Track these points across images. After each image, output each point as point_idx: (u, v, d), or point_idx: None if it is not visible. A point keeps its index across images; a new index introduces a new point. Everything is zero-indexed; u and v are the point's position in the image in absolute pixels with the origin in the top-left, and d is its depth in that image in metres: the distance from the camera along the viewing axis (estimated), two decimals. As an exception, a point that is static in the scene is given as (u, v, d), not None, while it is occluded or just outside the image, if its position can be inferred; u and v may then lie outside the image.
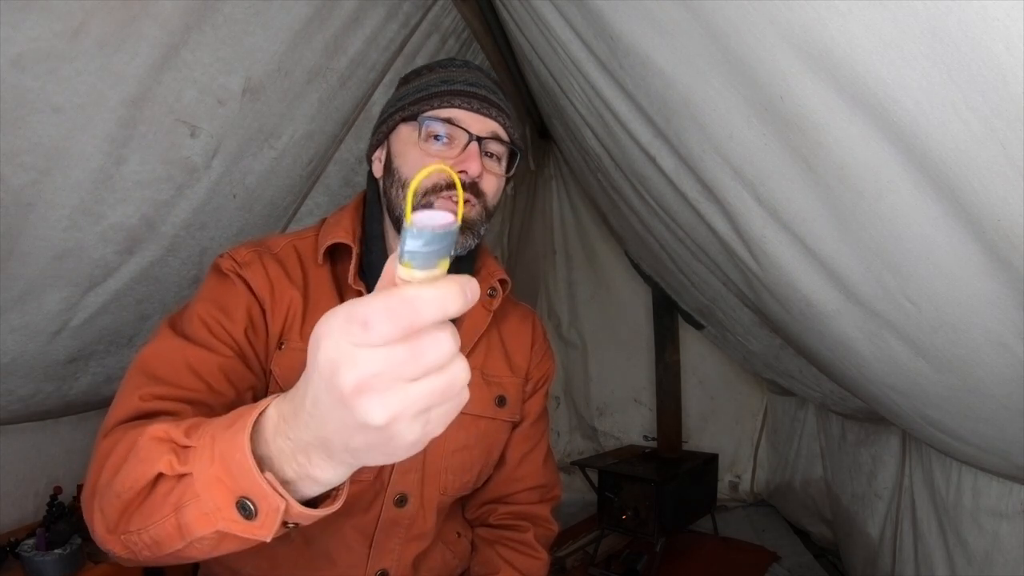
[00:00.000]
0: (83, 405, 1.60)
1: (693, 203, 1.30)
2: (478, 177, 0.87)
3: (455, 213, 0.38)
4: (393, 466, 0.93)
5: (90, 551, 1.41)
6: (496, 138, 0.90)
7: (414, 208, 0.41)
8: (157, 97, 1.10)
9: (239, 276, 0.87)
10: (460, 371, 0.41)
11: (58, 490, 1.51)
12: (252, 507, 0.50)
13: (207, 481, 0.52)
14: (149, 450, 0.58)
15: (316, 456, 0.47)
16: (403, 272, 0.39)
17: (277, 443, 0.49)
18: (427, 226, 0.37)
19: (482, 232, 0.91)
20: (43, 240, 1.13)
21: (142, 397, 0.74)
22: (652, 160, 1.34)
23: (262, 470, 0.49)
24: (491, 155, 0.91)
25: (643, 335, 3.23)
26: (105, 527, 0.63)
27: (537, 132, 3.03)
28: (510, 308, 1.09)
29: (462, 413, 0.96)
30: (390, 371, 0.38)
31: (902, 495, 1.80)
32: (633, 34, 1.02)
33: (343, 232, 0.91)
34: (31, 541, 1.38)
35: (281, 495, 0.49)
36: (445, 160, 0.87)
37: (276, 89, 1.33)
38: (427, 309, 0.38)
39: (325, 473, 0.48)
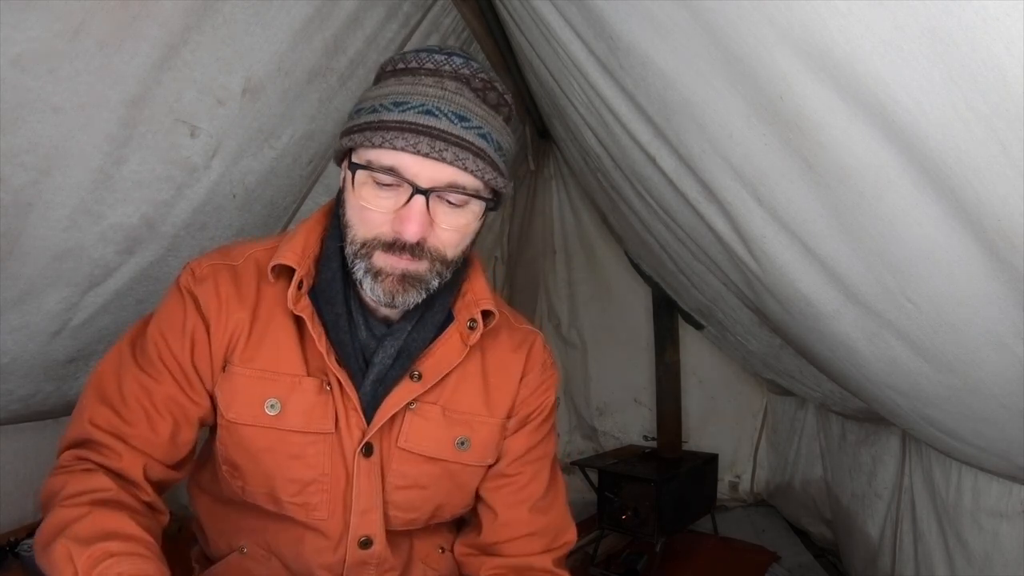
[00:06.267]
0: (83, 405, 1.60)
1: (693, 203, 1.30)
2: (421, 239, 0.75)
3: None
4: (351, 507, 0.88)
5: (90, 551, 1.41)
6: (452, 188, 0.75)
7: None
8: (157, 97, 1.10)
9: (191, 294, 0.85)
10: None
11: (58, 490, 1.51)
12: None
13: None
14: (58, 564, 0.67)
15: None
16: None
17: None
18: None
19: (435, 285, 0.80)
20: (43, 240, 1.13)
21: (91, 421, 0.82)
22: (652, 160, 1.34)
23: None
24: (452, 202, 0.77)
25: (643, 335, 3.22)
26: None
27: (537, 132, 3.03)
28: (504, 335, 0.96)
29: (410, 452, 0.88)
30: None
31: (902, 495, 1.80)
32: (633, 34, 1.02)
33: (290, 252, 0.83)
34: (31, 541, 1.38)
35: None
36: (384, 213, 0.75)
37: (276, 89, 1.32)
38: None
39: None
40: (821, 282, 1.08)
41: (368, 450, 0.87)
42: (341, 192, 0.85)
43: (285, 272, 0.84)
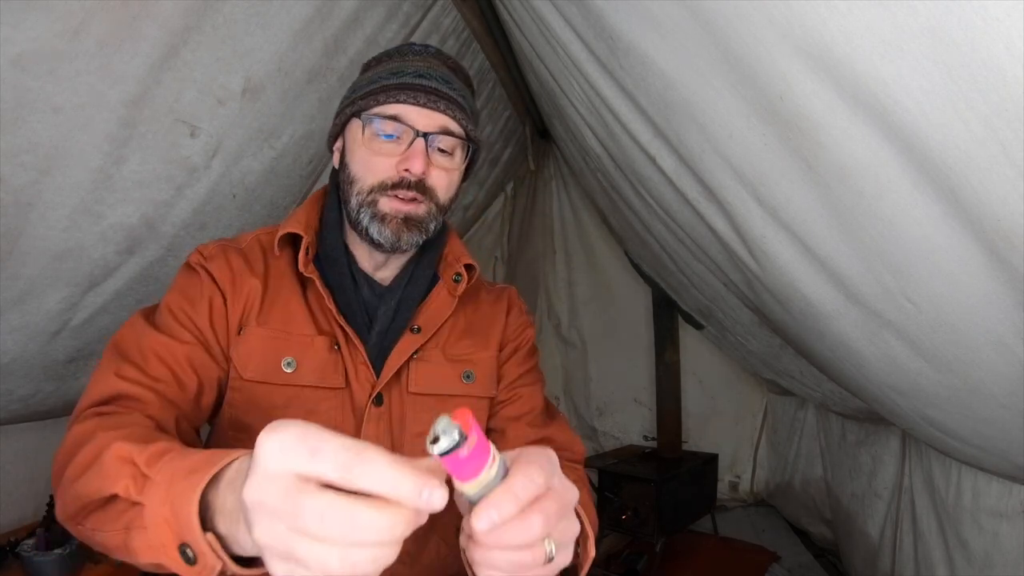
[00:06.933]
0: (83, 405, 1.60)
1: (693, 203, 1.30)
2: (423, 175, 0.88)
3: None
4: None
5: (90, 552, 1.41)
6: (445, 132, 0.90)
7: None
8: (157, 97, 1.10)
9: (204, 268, 0.91)
10: (352, 561, 0.39)
11: (58, 490, 1.51)
12: (193, 556, 0.50)
13: (156, 519, 0.53)
14: (111, 468, 0.60)
15: (242, 521, 0.46)
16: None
17: (224, 495, 0.50)
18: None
19: (432, 228, 0.92)
20: (43, 240, 1.13)
21: (117, 373, 0.79)
22: (652, 160, 1.34)
23: (208, 523, 0.50)
24: (442, 151, 0.91)
25: (643, 335, 3.22)
26: (64, 514, 0.68)
27: (537, 132, 3.03)
28: (483, 294, 1.08)
29: (421, 394, 0.95)
30: (288, 518, 0.39)
31: (902, 495, 1.80)
32: (633, 34, 1.02)
33: (295, 223, 0.94)
34: (31, 541, 1.38)
35: (219, 556, 0.49)
36: (389, 157, 0.88)
37: (276, 89, 1.33)
38: (375, 473, 0.39)
39: (245, 539, 0.47)
40: (821, 282, 1.09)
41: (379, 400, 0.93)
42: (336, 172, 0.97)
43: (290, 244, 0.95)
